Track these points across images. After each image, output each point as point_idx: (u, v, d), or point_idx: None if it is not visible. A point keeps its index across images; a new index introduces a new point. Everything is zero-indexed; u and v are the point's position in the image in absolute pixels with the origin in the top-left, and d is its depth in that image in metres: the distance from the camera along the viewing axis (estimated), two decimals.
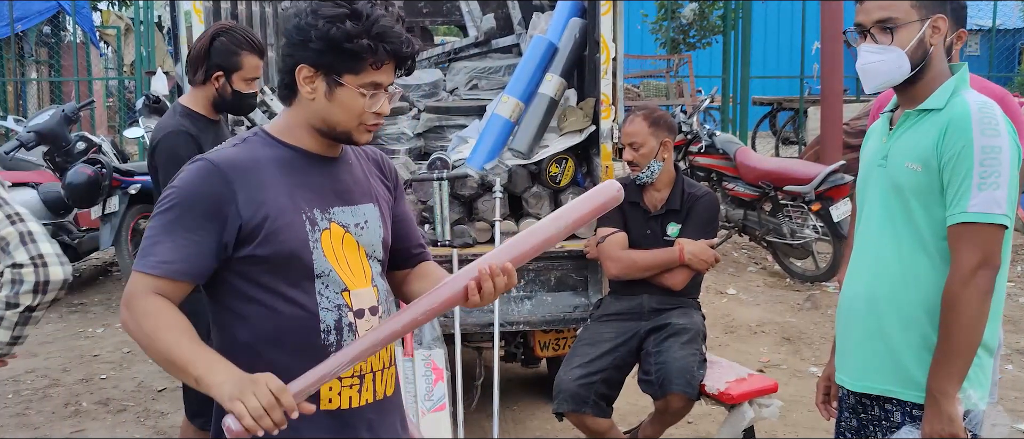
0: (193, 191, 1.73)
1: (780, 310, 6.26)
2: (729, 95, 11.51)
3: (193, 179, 1.74)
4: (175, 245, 1.70)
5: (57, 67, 11.96)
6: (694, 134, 7.57)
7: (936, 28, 2.09)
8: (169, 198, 1.74)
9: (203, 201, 1.72)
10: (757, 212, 7.04)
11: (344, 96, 1.75)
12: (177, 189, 1.74)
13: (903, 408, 2.13)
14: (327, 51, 1.72)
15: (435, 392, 3.67)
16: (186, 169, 1.77)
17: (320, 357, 1.72)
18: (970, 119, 2.00)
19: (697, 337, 3.44)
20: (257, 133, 1.85)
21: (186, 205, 1.72)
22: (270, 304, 1.76)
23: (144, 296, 1.71)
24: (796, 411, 4.52)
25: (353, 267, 1.84)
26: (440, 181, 3.99)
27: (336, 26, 1.70)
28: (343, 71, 1.74)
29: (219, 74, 3.13)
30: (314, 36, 1.71)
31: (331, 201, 1.83)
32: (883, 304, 2.15)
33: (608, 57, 3.98)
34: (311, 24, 1.72)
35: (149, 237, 1.75)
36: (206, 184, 1.73)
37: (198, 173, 1.74)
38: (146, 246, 1.74)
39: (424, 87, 5.13)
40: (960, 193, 2.00)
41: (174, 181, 1.77)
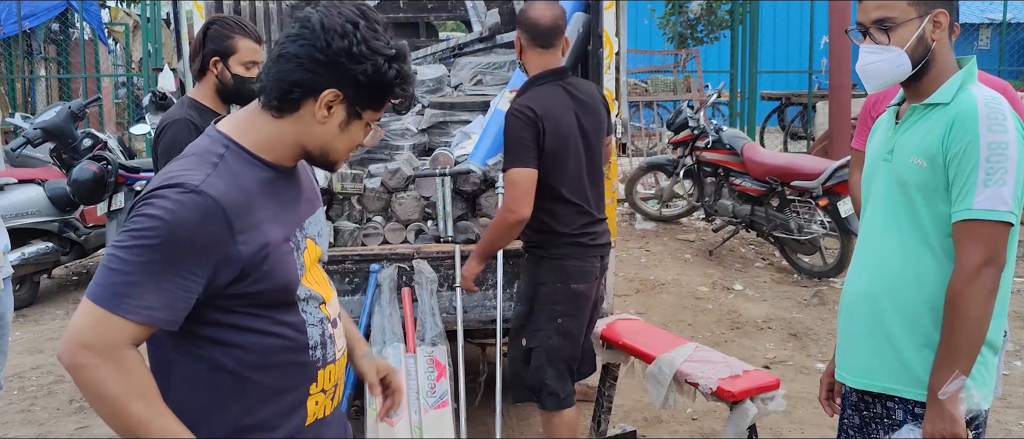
0: (188, 232, 1.51)
1: (787, 306, 6.22)
2: (737, 90, 11.46)
3: (190, 219, 1.51)
4: (161, 290, 1.51)
5: (65, 64, 11.99)
6: (701, 129, 7.54)
7: (937, 23, 2.06)
8: (154, 233, 1.50)
9: (198, 245, 1.53)
10: (764, 207, 7.00)
11: (354, 129, 1.68)
12: (167, 224, 1.50)
13: (905, 406, 2.11)
14: (368, 87, 1.62)
15: (438, 388, 3.66)
16: (177, 203, 1.52)
17: (309, 373, 1.72)
18: (977, 114, 1.97)
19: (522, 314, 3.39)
20: (228, 147, 1.64)
21: (177, 246, 1.51)
22: (259, 329, 1.66)
23: (121, 348, 1.51)
24: (801, 408, 4.49)
25: (319, 278, 1.80)
26: (443, 177, 3.99)
27: (392, 66, 1.62)
28: (367, 106, 1.66)
29: (215, 59, 3.17)
30: (364, 69, 1.60)
31: (302, 214, 1.76)
32: (885, 301, 2.12)
33: (611, 52, 3.96)
34: (365, 54, 1.60)
35: (124, 273, 1.50)
36: (205, 227, 1.53)
37: (197, 212, 1.52)
38: (120, 284, 1.50)
39: (428, 83, 5.12)
40: (965, 189, 1.97)
41: (158, 211, 1.51)
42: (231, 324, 1.64)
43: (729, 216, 7.29)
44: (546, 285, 3.33)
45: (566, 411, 3.43)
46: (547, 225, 3.29)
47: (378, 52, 1.61)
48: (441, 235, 4.02)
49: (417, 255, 3.93)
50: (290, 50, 1.61)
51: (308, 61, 1.60)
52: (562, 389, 3.40)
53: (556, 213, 3.27)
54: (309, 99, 1.62)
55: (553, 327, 3.34)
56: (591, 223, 3.36)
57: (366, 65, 1.60)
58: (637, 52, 13.65)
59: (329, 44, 1.58)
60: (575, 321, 3.39)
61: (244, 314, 1.64)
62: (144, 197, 1.56)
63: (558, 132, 3.18)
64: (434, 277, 3.87)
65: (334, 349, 1.79)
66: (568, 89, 3.26)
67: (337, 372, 1.81)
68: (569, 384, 3.44)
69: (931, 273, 2.06)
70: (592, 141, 3.32)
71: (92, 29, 11.89)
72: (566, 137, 3.21)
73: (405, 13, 5.68)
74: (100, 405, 1.52)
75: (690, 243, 7.82)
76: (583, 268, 3.34)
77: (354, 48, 1.59)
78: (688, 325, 5.83)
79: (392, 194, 4.20)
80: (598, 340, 3.78)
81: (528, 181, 3.12)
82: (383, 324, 3.77)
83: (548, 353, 3.36)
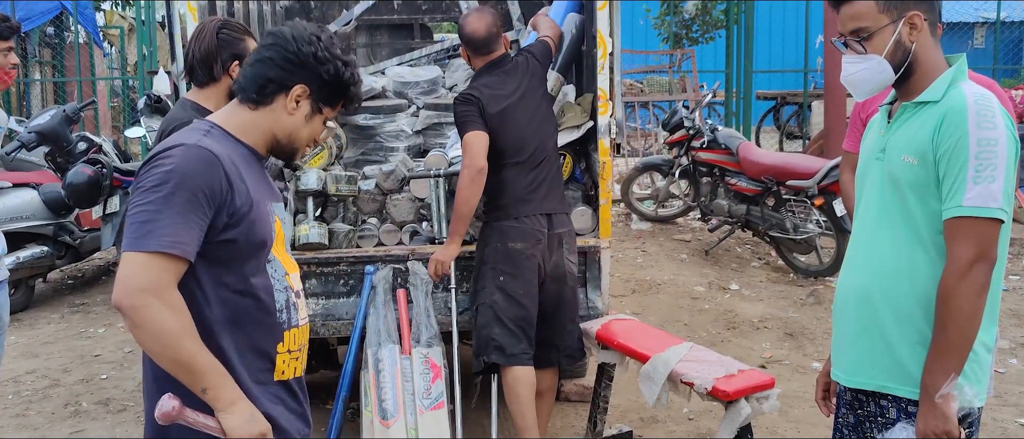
0: (197, 176, 1.80)
1: (783, 305, 6.23)
2: (732, 90, 11.47)
3: (197, 165, 1.81)
4: (187, 224, 1.77)
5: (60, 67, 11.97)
6: (697, 129, 7.55)
7: (913, 25, 2.07)
8: (169, 179, 1.78)
9: (207, 187, 1.81)
10: (760, 207, 7.01)
11: (315, 122, 2.03)
12: (178, 172, 1.79)
13: (899, 404, 2.11)
14: (330, 84, 1.98)
15: (433, 390, 3.66)
16: (182, 154, 1.82)
17: (274, 333, 1.97)
18: (966, 111, 1.98)
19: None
20: (213, 127, 1.96)
21: (190, 188, 1.79)
22: (235, 286, 1.90)
23: (171, 287, 1.77)
24: (798, 407, 4.50)
25: (285, 255, 2.07)
26: (437, 178, 3.98)
27: (348, 69, 1.99)
28: (327, 104, 2.02)
29: (236, 64, 3.17)
30: (327, 70, 1.96)
31: (272, 197, 2.05)
32: (878, 298, 2.12)
33: (605, 52, 3.95)
34: (328, 58, 1.96)
35: (148, 213, 1.76)
36: (210, 171, 1.82)
37: (201, 160, 1.82)
38: (149, 223, 1.75)
39: (423, 84, 5.12)
40: (955, 186, 1.97)
41: (167, 164, 1.80)
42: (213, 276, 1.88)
43: (725, 216, 7.29)
44: (488, 246, 3.69)
45: (517, 368, 3.61)
46: (494, 190, 3.67)
47: (338, 57, 1.98)
48: (436, 236, 4.02)
49: (412, 256, 3.93)
50: (266, 54, 1.97)
51: (282, 61, 1.96)
52: (510, 345, 3.62)
53: (502, 180, 3.67)
54: (281, 93, 1.97)
55: (495, 285, 3.65)
56: (535, 186, 3.70)
57: (329, 66, 1.97)
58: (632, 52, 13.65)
59: (300, 48, 1.95)
60: (516, 281, 3.65)
61: (225, 268, 1.88)
62: (148, 162, 1.84)
63: (496, 104, 3.63)
64: (429, 278, 3.87)
65: (297, 316, 2.04)
66: (500, 72, 3.74)
67: (301, 337, 2.06)
68: (521, 343, 3.64)
69: (924, 270, 2.06)
70: (529, 102, 3.74)
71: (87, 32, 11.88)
72: (504, 109, 3.65)
73: (399, 14, 5.68)
74: (155, 341, 1.76)
75: (686, 243, 7.83)
76: (521, 228, 3.66)
77: (320, 52, 1.96)
78: (684, 325, 5.83)
79: (387, 196, 4.20)
80: (593, 340, 3.78)
81: (480, 139, 3.58)
82: (378, 325, 3.76)
83: (493, 308, 3.64)
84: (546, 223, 3.71)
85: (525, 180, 3.69)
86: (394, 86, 5.09)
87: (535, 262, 3.67)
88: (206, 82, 3.20)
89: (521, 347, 3.64)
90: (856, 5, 2.09)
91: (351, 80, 2.01)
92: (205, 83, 3.20)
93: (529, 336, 3.68)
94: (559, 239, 3.74)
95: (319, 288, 3.96)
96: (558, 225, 3.75)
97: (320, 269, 3.95)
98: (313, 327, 3.93)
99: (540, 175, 3.73)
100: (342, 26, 5.59)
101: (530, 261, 3.66)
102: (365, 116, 4.83)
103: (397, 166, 4.24)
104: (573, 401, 4.65)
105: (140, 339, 1.77)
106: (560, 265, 3.75)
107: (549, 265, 3.72)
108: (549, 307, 3.74)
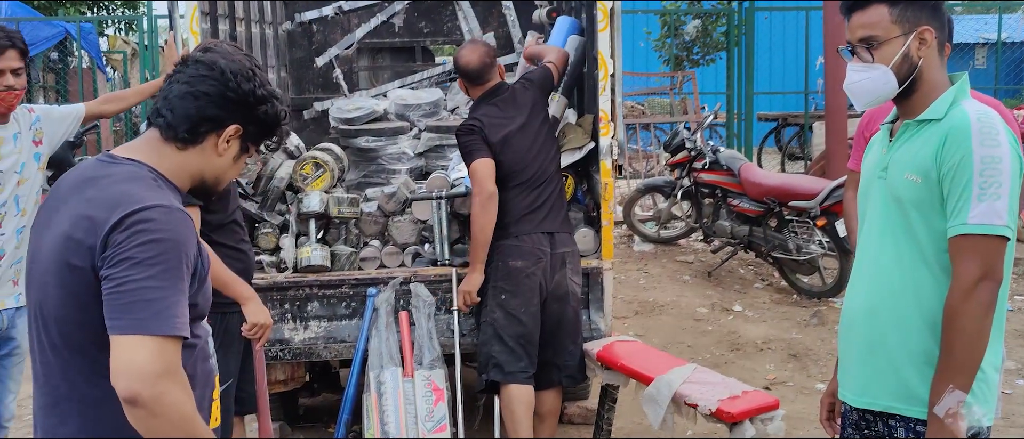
0: (182, 242, 1.67)
1: (786, 326, 6.20)
2: (734, 111, 11.49)
3: (183, 232, 1.68)
4: (183, 298, 1.66)
5: (64, 92, 12.02)
6: (698, 150, 7.55)
7: (922, 40, 2.07)
8: (164, 251, 1.64)
9: (189, 251, 1.69)
10: (763, 228, 6.99)
11: (240, 162, 1.91)
12: (170, 242, 1.65)
13: (906, 424, 2.09)
14: (263, 124, 1.87)
15: (436, 412, 3.64)
16: (167, 219, 1.66)
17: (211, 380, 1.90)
18: (969, 129, 1.97)
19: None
20: (156, 175, 1.78)
21: (182, 258, 1.66)
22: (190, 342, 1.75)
23: (177, 367, 1.64)
24: (802, 429, 4.46)
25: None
26: (439, 200, 3.98)
27: (281, 107, 1.89)
28: (254, 142, 1.90)
29: None
30: (264, 110, 1.85)
31: None
32: (884, 317, 2.11)
33: (606, 73, 3.96)
34: (265, 96, 1.85)
35: (152, 290, 1.61)
36: (190, 236, 1.70)
37: (184, 224, 1.69)
38: (156, 302, 1.61)
39: (424, 106, 5.13)
40: (960, 205, 1.96)
41: (156, 232, 1.64)
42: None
43: (727, 237, 7.27)
44: (490, 265, 3.75)
45: (514, 386, 3.64)
46: (498, 209, 3.71)
47: (274, 95, 1.88)
48: (438, 258, 4.01)
49: (414, 278, 3.92)
50: (201, 89, 1.79)
51: (219, 99, 1.80)
52: (509, 363, 3.64)
53: (503, 201, 3.72)
54: (213, 134, 1.82)
55: (496, 302, 3.70)
56: (535, 207, 3.76)
57: (267, 106, 1.85)
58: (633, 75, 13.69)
59: (239, 85, 1.81)
60: (517, 299, 3.69)
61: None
62: (129, 226, 1.64)
63: (497, 131, 3.71)
64: (432, 300, 3.86)
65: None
66: (499, 101, 3.83)
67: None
68: (521, 361, 3.67)
69: (928, 289, 2.04)
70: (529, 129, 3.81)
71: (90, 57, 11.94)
72: (505, 136, 3.73)
73: (401, 37, 5.70)
74: (175, 428, 1.61)
75: (689, 264, 7.81)
76: (521, 247, 3.70)
77: (258, 90, 1.84)
78: (687, 346, 5.80)
79: (389, 218, 4.20)
80: (595, 361, 3.77)
81: (486, 166, 3.66)
82: (380, 348, 3.75)
83: (493, 326, 3.68)
84: (548, 242, 3.73)
85: (525, 201, 3.73)
86: (395, 109, 5.11)
87: (536, 281, 3.69)
88: None
89: (520, 366, 3.65)
90: (869, 12, 2.09)
91: (282, 119, 1.90)
92: None
93: (530, 354, 3.68)
94: (562, 258, 3.75)
95: (321, 311, 3.95)
96: (561, 244, 3.76)
97: (322, 291, 3.94)
98: (316, 350, 3.92)
99: (541, 196, 3.76)
100: (344, 50, 5.62)
101: (530, 279, 3.68)
102: (367, 139, 4.85)
103: (399, 188, 4.24)
104: (576, 423, 4.62)
105: (155, 428, 1.60)
106: (562, 284, 3.75)
107: (551, 284, 3.73)
108: (550, 327, 3.74)
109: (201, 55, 1.84)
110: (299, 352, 3.91)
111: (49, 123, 3.68)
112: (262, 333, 3.17)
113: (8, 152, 3.45)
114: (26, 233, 3.53)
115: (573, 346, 3.79)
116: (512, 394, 3.62)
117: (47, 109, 3.83)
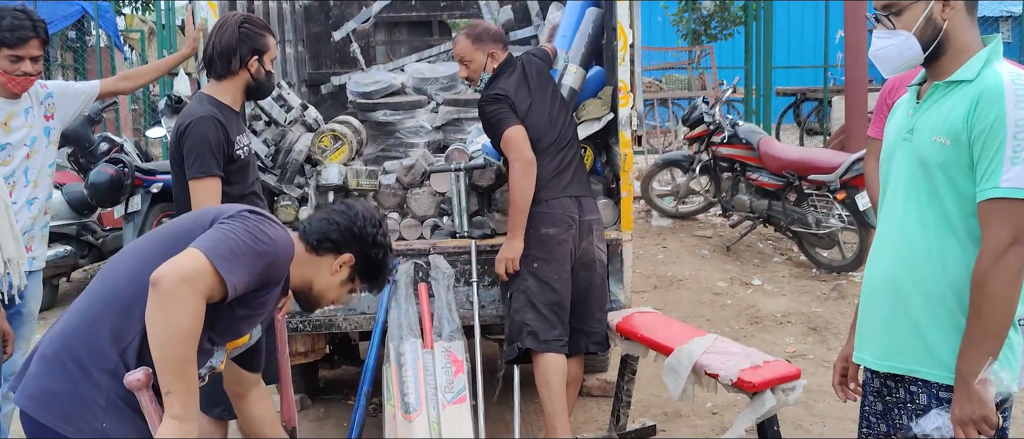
0: (281, 260, 2.08)
1: (806, 300, 6.17)
2: (752, 87, 11.39)
3: (285, 255, 2.10)
4: (248, 277, 1.98)
5: (82, 71, 12.07)
6: (717, 124, 7.49)
7: (946, 3, 2.04)
8: (270, 245, 2.04)
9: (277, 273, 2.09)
10: (782, 202, 6.95)
11: (344, 288, 2.30)
12: (274, 246, 2.05)
13: (929, 389, 2.07)
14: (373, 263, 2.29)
15: (455, 384, 3.64)
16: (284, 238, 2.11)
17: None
18: (1003, 90, 1.94)
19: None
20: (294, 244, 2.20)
21: (270, 261, 2.04)
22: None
23: (205, 297, 1.91)
24: (823, 401, 4.45)
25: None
26: (458, 172, 3.97)
27: (389, 259, 2.33)
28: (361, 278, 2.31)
29: (255, 58, 3.22)
30: (376, 253, 2.27)
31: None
32: (907, 283, 2.09)
33: (626, 44, 3.93)
34: (381, 244, 2.28)
35: (241, 245, 1.97)
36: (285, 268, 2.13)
37: (289, 255, 2.12)
38: (236, 254, 1.95)
39: (442, 80, 5.12)
40: (991, 167, 1.93)
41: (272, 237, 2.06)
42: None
43: (746, 211, 7.23)
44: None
45: (550, 355, 3.61)
46: None
47: (387, 245, 2.32)
48: (457, 230, 4.01)
49: (433, 250, 3.92)
50: (336, 218, 2.26)
51: (346, 229, 2.25)
52: (543, 331, 3.61)
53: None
54: (332, 254, 2.24)
55: (528, 270, 3.65)
56: (560, 170, 3.72)
57: (379, 251, 2.28)
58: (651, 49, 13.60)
59: (364, 227, 2.26)
60: (549, 266, 3.64)
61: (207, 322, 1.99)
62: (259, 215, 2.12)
63: (521, 98, 3.69)
64: (451, 272, 3.86)
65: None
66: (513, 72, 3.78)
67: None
68: (555, 329, 3.64)
69: (954, 254, 2.02)
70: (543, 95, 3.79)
71: (108, 36, 11.97)
72: (527, 101, 3.71)
73: (418, 12, 5.68)
74: (167, 327, 1.86)
75: (707, 239, 7.78)
76: (551, 214, 3.65)
77: (378, 237, 2.28)
78: (706, 320, 5.79)
79: (407, 190, 4.19)
80: (614, 332, 3.76)
81: (520, 133, 3.61)
82: (400, 320, 3.75)
83: (526, 294, 3.64)
84: (576, 208, 3.70)
85: (551, 165, 3.68)
86: (413, 82, 5.09)
87: (567, 247, 3.66)
88: (223, 75, 3.23)
89: (555, 333, 3.62)
90: None
91: (388, 268, 2.32)
92: (222, 76, 3.23)
93: (563, 322, 3.66)
94: (589, 226, 3.73)
95: None
96: (587, 211, 3.74)
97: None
98: (336, 321, 3.93)
99: (565, 160, 3.74)
100: (361, 24, 5.60)
101: (562, 246, 3.65)
102: (384, 112, 4.84)
103: (417, 160, 4.23)
104: (595, 396, 4.62)
105: (155, 317, 1.87)
106: (589, 252, 3.74)
107: (579, 251, 3.71)
108: (578, 294, 3.72)
109: (350, 201, 2.51)
110: (319, 324, 3.92)
111: (63, 99, 3.73)
112: (285, 303, 3.18)
113: (19, 126, 3.52)
114: (37, 204, 3.59)
115: (600, 313, 3.77)
116: (549, 363, 3.60)
117: (62, 85, 3.87)
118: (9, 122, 3.50)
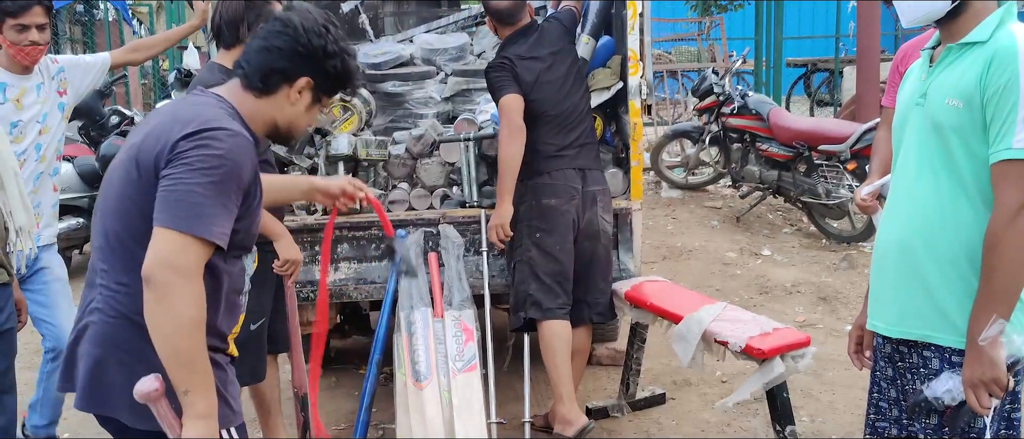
0: (241, 165, 1.82)
1: (816, 270, 6.17)
2: (762, 58, 11.31)
3: (243, 156, 1.83)
4: (228, 214, 1.80)
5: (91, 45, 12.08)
6: (727, 95, 7.46)
7: None
8: (221, 166, 1.78)
9: (244, 176, 1.84)
10: (792, 173, 6.93)
11: (314, 110, 2.04)
12: (228, 160, 1.79)
13: (941, 354, 2.07)
14: (333, 77, 2.00)
15: (466, 352, 3.66)
16: (232, 141, 1.82)
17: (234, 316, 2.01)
18: (1017, 52, 1.92)
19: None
20: (233, 113, 1.93)
21: (234, 177, 1.80)
22: (220, 267, 1.88)
23: (199, 274, 1.76)
24: (832, 370, 4.46)
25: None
26: (467, 142, 3.97)
27: (352, 64, 2.02)
28: (327, 93, 2.04)
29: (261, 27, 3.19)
30: (334, 64, 1.98)
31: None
32: (920, 248, 2.08)
33: (635, 12, 3.91)
34: (336, 51, 1.97)
35: (198, 195, 1.75)
36: (250, 161, 1.86)
37: (246, 151, 1.85)
38: (199, 206, 1.74)
39: (451, 51, 5.09)
40: (1005, 129, 1.91)
41: (218, 147, 1.79)
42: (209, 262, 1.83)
43: (756, 182, 7.21)
44: (523, 204, 3.73)
45: (553, 321, 3.67)
46: (526, 149, 3.67)
47: (344, 50, 2.00)
48: (466, 200, 4.01)
49: (443, 220, 3.93)
50: (275, 43, 1.95)
51: (290, 54, 1.94)
52: (546, 300, 3.67)
53: (533, 139, 3.69)
54: (286, 84, 1.96)
55: (531, 241, 3.69)
56: (566, 144, 3.74)
57: (336, 60, 1.98)
58: (660, 21, 13.50)
59: (310, 41, 1.94)
60: (552, 237, 3.68)
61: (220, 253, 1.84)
62: (195, 136, 1.79)
63: (529, 70, 3.70)
64: (460, 242, 3.87)
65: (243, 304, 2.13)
66: (529, 41, 3.80)
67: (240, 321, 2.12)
68: (559, 298, 3.69)
69: (967, 218, 2.01)
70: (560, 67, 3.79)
71: (116, 10, 11.95)
72: (537, 75, 3.72)
73: None
74: (170, 323, 1.72)
75: (717, 210, 7.77)
76: (555, 185, 3.70)
77: (329, 46, 1.96)
78: (716, 290, 5.79)
79: (417, 160, 4.19)
80: (623, 301, 3.77)
81: (515, 101, 3.64)
82: (410, 289, 3.77)
83: (529, 265, 3.69)
84: (580, 179, 3.73)
85: (556, 138, 3.72)
86: (422, 53, 5.07)
87: (569, 218, 3.69)
88: (232, 44, 3.23)
89: (558, 302, 3.68)
90: None
91: (354, 72, 2.04)
92: (231, 45, 3.23)
93: (566, 290, 3.71)
94: (593, 197, 3.75)
95: (351, 252, 3.98)
96: (592, 182, 3.76)
97: (352, 233, 3.96)
98: (346, 291, 3.95)
99: (572, 134, 3.75)
100: None
101: (564, 217, 3.68)
102: (394, 83, 4.82)
103: (427, 130, 4.23)
104: (605, 365, 4.64)
105: (155, 316, 1.72)
106: (594, 223, 3.75)
107: (582, 222, 3.74)
108: (582, 265, 3.75)
109: (280, 13, 2.01)
110: (330, 294, 3.94)
111: (74, 73, 3.73)
112: (293, 270, 3.21)
113: (31, 102, 3.53)
114: (43, 179, 3.61)
115: (603, 284, 3.80)
116: (552, 330, 3.65)
117: (73, 59, 3.87)
118: (21, 99, 3.50)
